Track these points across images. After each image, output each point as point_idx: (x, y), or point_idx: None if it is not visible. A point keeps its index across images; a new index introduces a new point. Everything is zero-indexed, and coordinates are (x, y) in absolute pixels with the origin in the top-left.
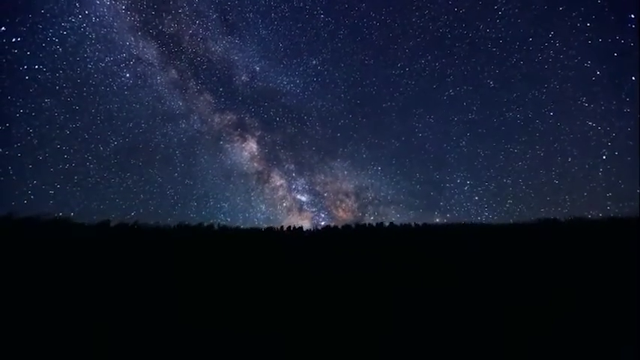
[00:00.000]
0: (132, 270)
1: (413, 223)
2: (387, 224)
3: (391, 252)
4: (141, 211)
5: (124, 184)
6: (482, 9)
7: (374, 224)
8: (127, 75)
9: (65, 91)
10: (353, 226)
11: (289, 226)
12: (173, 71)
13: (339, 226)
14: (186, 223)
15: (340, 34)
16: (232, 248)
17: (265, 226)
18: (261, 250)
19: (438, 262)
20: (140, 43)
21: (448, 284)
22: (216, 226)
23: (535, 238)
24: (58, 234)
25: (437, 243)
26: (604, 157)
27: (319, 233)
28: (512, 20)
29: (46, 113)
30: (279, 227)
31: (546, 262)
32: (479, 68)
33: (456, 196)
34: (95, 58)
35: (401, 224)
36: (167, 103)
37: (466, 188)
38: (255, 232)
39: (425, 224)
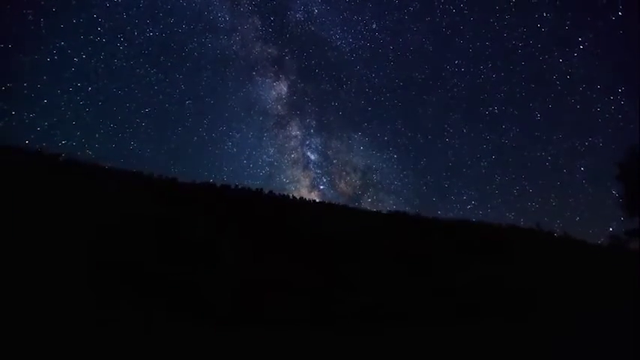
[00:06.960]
0: None
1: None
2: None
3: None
4: (155, 110)
5: (147, 79)
6: (566, 36)
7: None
8: None
9: None
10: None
11: (160, 175)
12: None
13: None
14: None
15: (411, 7)
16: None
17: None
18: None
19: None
20: None
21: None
22: (61, 158)
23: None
24: None
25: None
26: (610, 229)
27: (197, 187)
28: (590, 60)
29: None
30: (149, 174)
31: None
32: (534, 96)
33: (455, 211)
34: None
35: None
36: (215, 12)
37: (468, 207)
38: (124, 173)
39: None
